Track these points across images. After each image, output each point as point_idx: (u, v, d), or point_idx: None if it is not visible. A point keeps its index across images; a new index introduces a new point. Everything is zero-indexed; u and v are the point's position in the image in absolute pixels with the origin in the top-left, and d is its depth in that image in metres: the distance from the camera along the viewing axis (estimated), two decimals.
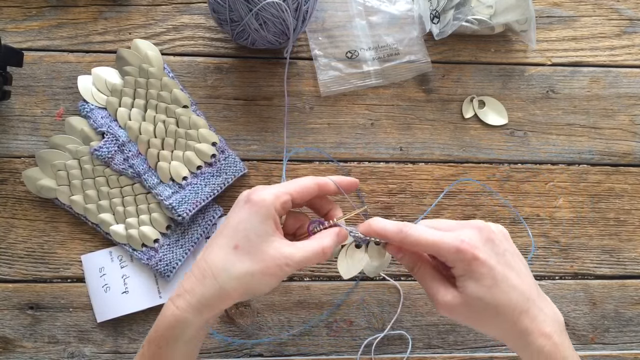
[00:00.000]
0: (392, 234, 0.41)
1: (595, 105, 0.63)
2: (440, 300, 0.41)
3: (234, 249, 0.38)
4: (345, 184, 0.44)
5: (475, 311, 0.40)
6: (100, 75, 0.57)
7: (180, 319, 0.38)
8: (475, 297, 0.39)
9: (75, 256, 0.56)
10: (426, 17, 0.61)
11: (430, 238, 0.40)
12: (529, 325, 0.40)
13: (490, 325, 0.41)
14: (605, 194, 0.61)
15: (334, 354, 0.57)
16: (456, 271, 0.40)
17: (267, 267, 0.38)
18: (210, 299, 0.38)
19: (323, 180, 0.43)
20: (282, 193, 0.40)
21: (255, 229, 0.38)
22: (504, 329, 0.41)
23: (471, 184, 0.60)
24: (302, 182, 0.42)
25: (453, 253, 0.39)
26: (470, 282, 0.39)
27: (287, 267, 0.39)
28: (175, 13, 0.61)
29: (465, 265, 0.39)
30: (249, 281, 0.38)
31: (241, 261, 0.38)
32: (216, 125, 0.59)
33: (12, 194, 0.57)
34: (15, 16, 0.60)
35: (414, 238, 0.40)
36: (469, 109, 0.61)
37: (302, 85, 0.61)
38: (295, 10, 0.53)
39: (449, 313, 0.41)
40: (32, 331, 0.55)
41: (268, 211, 0.39)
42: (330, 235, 0.42)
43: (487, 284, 0.39)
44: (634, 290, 0.60)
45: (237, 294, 0.39)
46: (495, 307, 0.39)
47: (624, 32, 0.64)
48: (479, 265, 0.39)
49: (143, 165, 0.56)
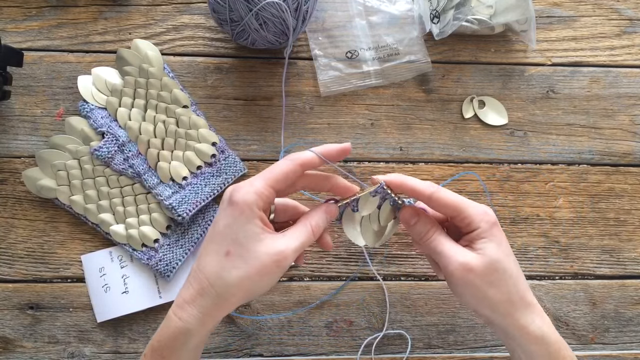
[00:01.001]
0: (424, 188, 0.42)
1: (595, 105, 0.63)
2: (461, 260, 0.41)
3: (226, 255, 0.38)
4: (332, 152, 0.42)
5: (494, 274, 0.41)
6: (100, 75, 0.57)
7: (183, 330, 0.38)
8: (495, 259, 0.40)
9: (75, 256, 0.56)
10: (426, 17, 0.61)
11: (460, 199, 0.42)
12: (532, 299, 0.42)
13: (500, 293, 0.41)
14: (605, 194, 0.61)
15: (334, 354, 0.57)
16: (479, 232, 0.41)
17: (264, 267, 0.38)
18: (211, 309, 0.38)
19: (303, 155, 0.41)
20: (263, 187, 0.39)
21: (243, 231, 0.38)
22: (513, 300, 0.41)
23: (471, 184, 0.60)
24: (281, 167, 0.40)
25: (480, 213, 0.41)
26: (491, 244, 0.41)
27: (285, 261, 0.38)
28: (175, 13, 0.61)
29: (489, 227, 0.41)
30: (247, 285, 0.38)
31: (235, 267, 0.38)
32: (216, 125, 0.59)
33: (12, 194, 0.57)
34: (15, 16, 0.60)
35: (445, 195, 0.41)
36: (469, 109, 0.61)
37: (302, 85, 0.61)
38: (295, 10, 0.53)
39: (466, 275, 0.40)
40: (32, 331, 0.55)
41: (252, 211, 0.38)
42: (317, 213, 0.42)
43: (504, 250, 0.41)
44: (634, 290, 0.60)
45: (237, 299, 0.39)
46: (511, 274, 0.41)
47: (624, 32, 0.64)
48: (499, 231, 0.42)
49: (143, 165, 0.56)
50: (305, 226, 0.41)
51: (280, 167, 0.40)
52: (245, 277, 0.38)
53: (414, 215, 0.44)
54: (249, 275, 0.38)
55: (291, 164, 0.40)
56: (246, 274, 0.37)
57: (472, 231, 0.41)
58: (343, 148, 0.42)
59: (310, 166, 0.41)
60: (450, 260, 0.41)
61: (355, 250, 0.58)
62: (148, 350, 0.40)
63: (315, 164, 0.41)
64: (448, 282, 0.43)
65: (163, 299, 0.56)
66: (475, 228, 0.41)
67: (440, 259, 0.42)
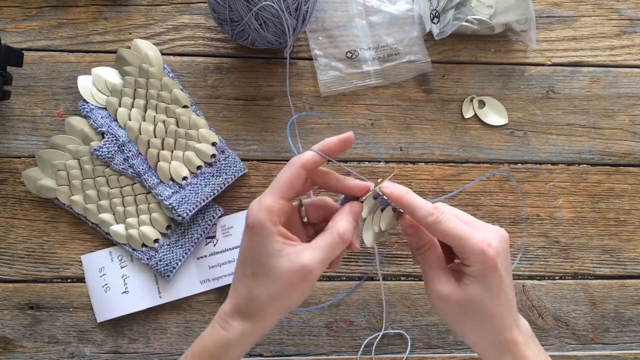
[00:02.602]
0: (423, 215, 0.40)
1: (595, 105, 0.63)
2: (438, 289, 0.40)
3: (252, 277, 0.38)
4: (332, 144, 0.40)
5: (468, 311, 0.40)
6: (100, 75, 0.57)
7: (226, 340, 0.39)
8: (477, 300, 0.39)
9: (75, 256, 0.56)
10: (426, 17, 0.61)
11: (460, 232, 0.39)
12: (510, 337, 0.40)
13: (474, 331, 0.41)
14: (605, 194, 0.61)
15: (334, 354, 0.57)
16: (470, 270, 0.40)
17: (290, 284, 0.37)
18: (250, 325, 0.39)
19: (304, 157, 0.40)
20: (272, 202, 0.38)
21: (262, 251, 0.38)
22: (486, 339, 0.41)
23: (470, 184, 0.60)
24: (285, 176, 0.39)
25: (478, 254, 0.39)
26: (478, 285, 0.39)
27: (310, 275, 0.37)
28: (175, 13, 0.61)
29: (483, 269, 0.39)
30: (276, 303, 0.38)
31: (262, 286, 0.38)
32: (216, 125, 0.59)
33: (12, 194, 0.57)
34: (15, 16, 0.60)
35: (445, 227, 0.39)
36: (469, 109, 0.61)
37: (302, 85, 0.61)
38: (295, 10, 0.53)
39: (442, 303, 0.41)
40: (32, 331, 0.55)
41: (266, 229, 0.38)
42: (343, 218, 0.40)
43: (493, 293, 0.39)
44: (634, 290, 0.60)
45: (272, 316, 0.39)
46: (488, 316, 0.40)
47: (624, 32, 0.64)
48: (495, 275, 0.39)
49: (143, 165, 0.56)
50: (332, 235, 0.39)
51: (285, 176, 0.39)
52: (274, 296, 0.38)
53: (411, 227, 0.43)
54: (277, 293, 0.38)
55: (293, 169, 0.39)
56: (274, 292, 0.38)
57: (466, 266, 0.40)
58: (344, 138, 0.40)
59: (313, 165, 0.40)
60: (432, 284, 0.41)
61: None
62: (189, 353, 0.41)
63: (317, 161, 0.40)
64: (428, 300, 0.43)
65: (163, 299, 0.56)
66: (468, 265, 0.40)
67: (425, 277, 0.42)
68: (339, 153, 0.40)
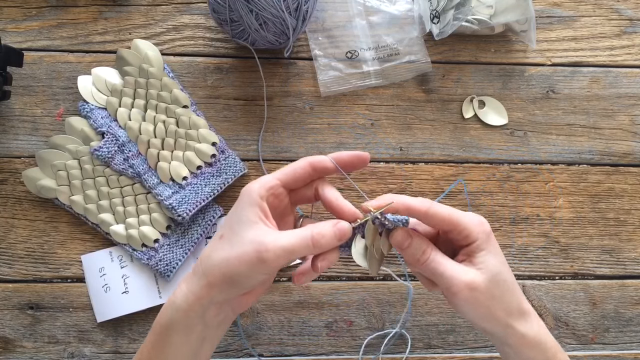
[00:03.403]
0: (418, 205, 0.41)
1: (595, 105, 0.63)
2: (464, 279, 0.39)
3: (220, 238, 0.39)
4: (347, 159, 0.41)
5: (497, 288, 0.40)
6: (100, 75, 0.57)
7: (171, 302, 0.40)
8: (497, 271, 0.40)
9: (75, 256, 0.56)
10: (426, 17, 0.61)
11: (455, 212, 0.41)
12: (528, 306, 0.42)
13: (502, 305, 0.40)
14: (605, 194, 0.61)
15: (334, 354, 0.57)
16: (477, 245, 0.40)
17: (244, 253, 0.37)
18: (195, 286, 0.39)
19: (318, 159, 0.41)
20: (269, 179, 0.40)
21: (238, 217, 0.39)
22: (512, 309, 0.41)
23: (470, 184, 0.60)
24: (293, 165, 0.41)
25: (477, 224, 0.40)
26: (490, 256, 0.40)
27: (266, 254, 0.36)
28: (175, 13, 0.61)
29: (486, 237, 0.40)
30: (225, 266, 0.38)
31: (221, 248, 0.39)
32: (216, 125, 0.59)
33: (12, 194, 0.57)
34: (15, 16, 0.60)
35: (440, 210, 0.40)
36: (469, 109, 0.61)
37: (302, 85, 0.61)
38: (295, 10, 0.53)
39: (470, 294, 0.39)
40: (32, 331, 0.55)
41: (251, 199, 0.39)
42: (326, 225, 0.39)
43: (501, 260, 0.41)
44: (634, 290, 0.60)
45: (215, 280, 0.38)
46: (510, 284, 0.41)
47: (624, 32, 0.64)
48: (494, 241, 0.41)
49: (143, 165, 0.56)
50: (304, 233, 0.38)
51: (291, 165, 0.41)
52: (225, 259, 0.38)
53: (406, 237, 0.41)
54: (228, 258, 0.38)
55: (302, 162, 0.41)
56: (227, 255, 0.38)
57: (470, 244, 0.40)
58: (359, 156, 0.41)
59: (321, 169, 0.41)
60: (453, 281, 0.40)
61: None
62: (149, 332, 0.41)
63: (327, 168, 0.41)
64: (450, 301, 0.42)
65: (163, 299, 0.56)
66: (473, 240, 0.40)
67: (441, 280, 0.41)
68: (350, 168, 0.41)
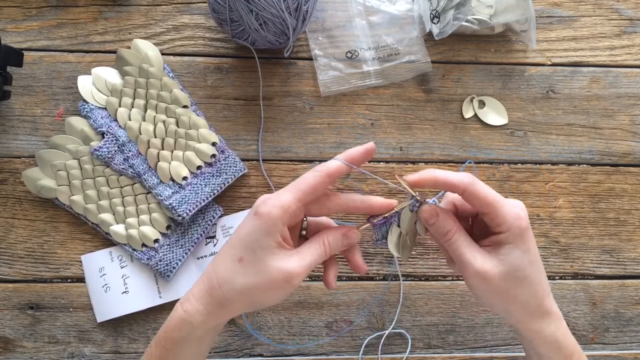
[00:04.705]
0: (459, 180, 0.40)
1: (595, 105, 0.63)
2: (478, 268, 0.40)
3: (239, 261, 0.39)
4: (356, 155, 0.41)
5: (511, 283, 0.40)
6: (100, 75, 0.57)
7: (186, 321, 0.39)
8: (518, 267, 0.39)
9: (75, 256, 0.56)
10: (426, 17, 0.61)
11: (495, 196, 0.39)
12: (550, 306, 0.41)
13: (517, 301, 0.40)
14: (605, 194, 0.61)
15: (334, 354, 0.57)
16: (507, 236, 0.40)
17: (273, 281, 0.38)
18: (215, 308, 0.39)
19: (330, 166, 0.40)
20: (291, 202, 0.39)
21: (260, 242, 0.38)
22: (529, 307, 0.41)
23: None
24: (309, 181, 0.40)
25: (513, 217, 0.39)
26: (517, 251, 0.39)
27: (295, 279, 0.38)
28: (175, 13, 0.61)
29: (519, 232, 0.39)
30: (252, 294, 0.39)
31: (245, 274, 0.38)
32: (216, 125, 0.59)
33: (12, 194, 0.57)
34: (15, 16, 0.60)
35: (481, 189, 0.40)
36: (469, 109, 0.61)
37: (302, 85, 0.61)
38: (295, 10, 0.53)
39: (482, 282, 0.40)
40: (32, 331, 0.55)
41: (274, 226, 0.38)
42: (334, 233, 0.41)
43: (529, 258, 0.40)
44: (634, 290, 0.60)
45: (241, 305, 0.39)
46: (530, 282, 0.40)
47: (624, 32, 0.64)
48: (529, 237, 0.40)
49: (143, 165, 0.56)
50: (319, 243, 0.40)
51: (308, 181, 0.40)
52: (252, 286, 0.38)
53: (433, 215, 0.42)
54: (256, 286, 0.38)
55: (318, 175, 0.40)
56: (254, 283, 0.38)
57: (500, 233, 0.40)
58: (367, 149, 0.41)
59: (338, 175, 0.40)
60: (467, 266, 0.40)
61: None
62: (154, 342, 0.41)
63: (342, 171, 0.40)
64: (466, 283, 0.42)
65: (163, 299, 0.56)
66: (504, 231, 0.40)
67: (459, 262, 0.41)
68: (361, 163, 0.41)
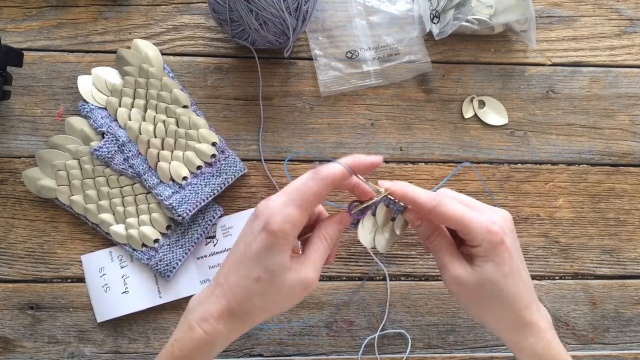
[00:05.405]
0: (425, 202, 0.40)
1: (595, 105, 0.63)
2: (452, 273, 0.41)
3: (256, 280, 0.38)
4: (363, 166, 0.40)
5: (483, 293, 0.40)
6: (100, 75, 0.57)
7: (209, 344, 0.39)
8: (490, 279, 0.40)
9: (75, 256, 0.56)
10: (426, 17, 0.61)
11: (462, 215, 0.40)
12: (530, 318, 0.41)
13: (492, 312, 0.41)
14: (605, 194, 0.61)
15: (334, 354, 0.57)
16: (479, 250, 0.40)
17: (293, 294, 0.40)
18: (237, 325, 0.40)
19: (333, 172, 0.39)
20: (299, 215, 0.38)
21: (276, 261, 0.38)
22: (505, 319, 0.41)
23: (471, 184, 0.60)
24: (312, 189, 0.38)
25: (483, 232, 0.39)
26: (490, 265, 0.40)
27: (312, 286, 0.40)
28: (175, 13, 0.61)
29: (491, 247, 0.39)
30: (273, 308, 0.40)
31: (265, 293, 0.39)
32: (216, 125, 0.59)
33: (12, 194, 0.57)
34: (15, 16, 0.60)
35: (446, 210, 0.40)
36: (469, 109, 0.61)
37: (302, 85, 0.61)
38: (295, 10, 0.53)
39: (457, 288, 0.41)
40: (32, 331, 0.55)
41: (287, 242, 0.38)
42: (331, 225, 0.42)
43: (504, 271, 0.40)
44: (634, 290, 0.60)
45: (262, 318, 0.41)
46: (505, 296, 0.40)
47: (624, 32, 0.64)
48: (504, 250, 0.40)
49: (143, 165, 0.56)
50: (322, 241, 0.41)
51: (312, 190, 0.39)
52: (273, 304, 0.40)
53: (417, 218, 0.43)
54: (277, 303, 0.40)
55: (322, 184, 0.39)
56: (274, 301, 0.39)
57: (473, 247, 0.41)
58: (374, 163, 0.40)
59: (342, 181, 0.40)
60: (445, 269, 0.42)
61: (355, 250, 0.58)
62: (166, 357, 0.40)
63: (346, 177, 0.40)
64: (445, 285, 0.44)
65: (163, 299, 0.56)
66: (476, 245, 0.40)
67: (438, 264, 0.43)
68: (365, 173, 0.42)
